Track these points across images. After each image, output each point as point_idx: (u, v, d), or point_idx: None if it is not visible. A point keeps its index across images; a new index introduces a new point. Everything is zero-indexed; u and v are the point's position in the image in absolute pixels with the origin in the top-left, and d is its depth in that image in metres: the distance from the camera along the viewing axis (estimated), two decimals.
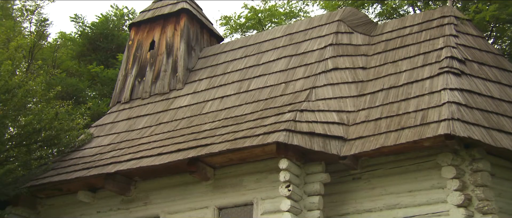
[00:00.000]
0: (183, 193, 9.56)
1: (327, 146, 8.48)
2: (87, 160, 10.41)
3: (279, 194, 8.53)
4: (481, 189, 7.54)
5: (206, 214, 9.23)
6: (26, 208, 10.45)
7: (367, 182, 8.60)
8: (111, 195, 10.06)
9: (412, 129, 7.95)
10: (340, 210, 8.65)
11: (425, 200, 8.00)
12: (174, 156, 9.20)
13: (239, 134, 9.08)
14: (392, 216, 8.20)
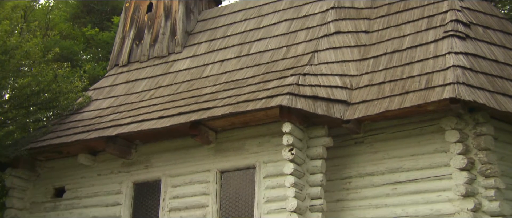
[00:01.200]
0: (184, 157, 9.56)
1: (330, 110, 8.45)
2: (86, 123, 10.35)
3: (281, 158, 8.56)
4: (484, 152, 7.58)
5: (208, 177, 9.25)
6: (26, 170, 10.45)
7: (369, 146, 8.62)
8: (111, 158, 10.04)
9: (417, 93, 7.93)
10: (342, 174, 8.69)
11: (428, 163, 8.05)
12: (175, 120, 9.15)
13: (241, 97, 9.02)
14: (394, 180, 8.26)
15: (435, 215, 7.77)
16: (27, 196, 10.58)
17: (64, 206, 10.25)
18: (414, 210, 7.95)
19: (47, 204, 10.42)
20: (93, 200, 10.04)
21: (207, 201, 9.12)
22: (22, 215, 10.42)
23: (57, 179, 10.53)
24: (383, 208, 8.22)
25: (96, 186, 10.12)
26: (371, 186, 8.41)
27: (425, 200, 7.92)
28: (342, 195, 8.58)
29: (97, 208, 9.95)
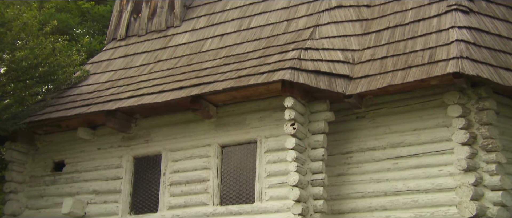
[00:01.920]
0: (185, 131, 9.54)
1: (332, 84, 8.42)
2: (85, 97, 10.28)
3: (283, 132, 8.56)
4: (486, 127, 7.60)
5: (208, 152, 9.25)
6: (25, 144, 10.43)
7: (371, 121, 8.62)
8: (111, 132, 10.00)
9: (420, 67, 7.90)
10: (344, 149, 8.70)
11: (430, 138, 8.07)
12: (176, 94, 9.10)
13: (242, 72, 8.97)
14: (395, 154, 8.28)
15: (436, 189, 7.83)
16: (27, 169, 10.56)
17: (64, 180, 10.24)
18: (415, 184, 8.00)
19: (46, 178, 10.41)
20: (93, 174, 10.03)
21: (208, 175, 9.13)
22: (22, 189, 10.41)
23: (56, 153, 10.50)
24: (384, 182, 8.27)
25: (96, 160, 10.11)
26: (372, 161, 8.44)
27: (426, 174, 7.97)
28: (343, 170, 8.61)
29: (98, 182, 9.95)
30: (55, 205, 10.05)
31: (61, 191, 10.16)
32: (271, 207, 8.50)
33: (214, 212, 8.88)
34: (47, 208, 10.15)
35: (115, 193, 9.74)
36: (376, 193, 8.27)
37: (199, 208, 9.02)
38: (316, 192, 8.24)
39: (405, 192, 8.06)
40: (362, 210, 8.30)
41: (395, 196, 8.12)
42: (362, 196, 8.35)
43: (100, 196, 9.83)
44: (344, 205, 8.42)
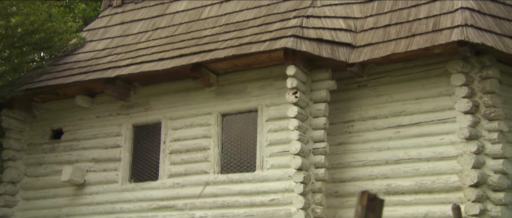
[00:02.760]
0: (185, 99, 9.48)
1: (335, 52, 8.36)
2: (83, 65, 10.15)
3: (284, 101, 8.52)
4: (488, 96, 7.61)
5: (209, 120, 9.21)
6: (22, 111, 10.33)
7: (373, 90, 8.60)
8: (110, 100, 9.92)
9: (424, 35, 7.85)
10: (345, 117, 8.70)
11: (432, 107, 8.07)
12: (176, 62, 9.00)
13: (244, 40, 8.87)
14: (397, 123, 8.30)
15: (438, 158, 7.87)
16: (24, 137, 10.49)
17: (63, 148, 10.19)
18: (417, 153, 8.04)
19: (45, 146, 10.35)
20: (92, 142, 9.98)
21: (208, 143, 9.11)
22: (20, 156, 10.35)
23: (54, 121, 10.42)
24: (385, 151, 8.30)
25: (95, 128, 10.04)
26: (374, 130, 8.45)
27: (427, 143, 8.00)
28: (344, 139, 8.62)
29: (97, 150, 9.90)
30: (54, 172, 10.02)
31: (60, 159, 10.12)
32: (272, 175, 8.53)
33: (215, 180, 8.90)
34: (46, 175, 10.12)
35: (115, 161, 9.72)
36: (377, 161, 8.31)
37: (199, 176, 9.03)
38: (318, 161, 8.26)
39: (406, 161, 8.11)
40: (363, 179, 8.34)
41: (396, 165, 8.16)
42: (363, 165, 8.39)
43: (99, 164, 9.80)
44: (345, 173, 8.47)
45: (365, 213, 1.63)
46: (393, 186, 8.08)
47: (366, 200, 1.65)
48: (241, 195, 8.65)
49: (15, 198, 10.18)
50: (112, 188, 9.59)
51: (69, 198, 9.84)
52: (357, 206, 1.66)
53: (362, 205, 1.65)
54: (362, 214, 1.63)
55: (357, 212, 1.64)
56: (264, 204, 8.47)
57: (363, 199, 1.64)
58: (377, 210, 1.62)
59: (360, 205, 1.65)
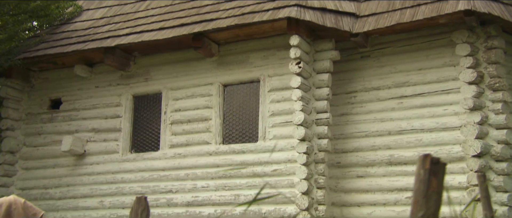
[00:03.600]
0: (186, 69, 9.38)
1: (339, 22, 8.28)
2: (81, 34, 9.99)
3: (287, 71, 8.46)
4: (493, 66, 7.60)
5: (210, 91, 9.14)
6: (20, 80, 10.19)
7: (376, 60, 8.55)
8: (109, 70, 9.80)
9: (429, 5, 7.78)
10: (347, 88, 8.67)
11: (436, 77, 8.06)
12: (177, 31, 8.88)
13: (246, 9, 8.75)
14: (400, 94, 8.28)
15: (441, 128, 7.89)
16: (23, 107, 10.37)
17: (62, 118, 10.09)
18: (420, 123, 8.05)
19: (43, 115, 10.25)
20: (92, 112, 9.89)
21: (210, 114, 9.06)
22: (18, 126, 10.25)
23: (52, 90, 10.30)
24: (388, 122, 8.30)
25: (94, 98, 9.94)
26: (377, 100, 8.44)
27: (431, 113, 8.01)
28: (347, 109, 8.61)
29: (97, 120, 9.82)
30: (54, 142, 9.94)
31: (59, 129, 10.03)
32: (274, 146, 8.51)
33: (217, 150, 8.88)
34: (45, 145, 10.04)
35: (115, 131, 9.65)
36: (380, 132, 8.31)
37: (201, 146, 9.00)
38: (321, 131, 8.25)
39: (409, 131, 8.12)
40: (366, 149, 8.36)
41: (399, 135, 8.18)
42: (366, 135, 8.39)
43: (99, 134, 9.73)
44: (347, 144, 8.47)
45: (427, 177, 1.59)
46: (396, 157, 8.11)
47: (429, 164, 1.60)
48: (243, 165, 8.64)
49: (14, 167, 10.11)
50: (113, 158, 9.55)
51: (69, 168, 9.80)
52: (419, 170, 1.61)
53: (425, 169, 1.60)
54: (425, 177, 1.58)
55: (419, 176, 1.60)
56: (266, 174, 8.48)
57: (425, 162, 1.60)
58: (440, 174, 1.58)
59: (422, 168, 1.60)
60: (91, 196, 9.54)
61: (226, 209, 8.59)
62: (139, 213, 2.68)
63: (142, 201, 2.69)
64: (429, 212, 1.54)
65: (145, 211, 2.69)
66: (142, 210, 2.69)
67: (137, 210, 2.69)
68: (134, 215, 2.68)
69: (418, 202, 1.58)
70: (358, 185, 8.30)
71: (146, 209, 2.69)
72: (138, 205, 2.69)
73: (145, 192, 9.15)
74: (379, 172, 8.23)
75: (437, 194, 1.57)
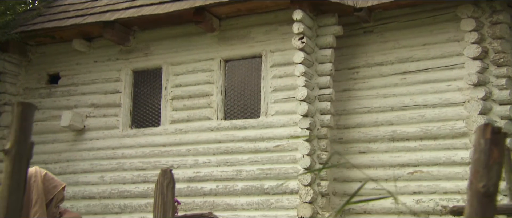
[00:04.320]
0: (186, 44, 9.27)
1: None
2: (79, 7, 9.81)
3: (289, 47, 8.38)
4: (498, 41, 7.56)
5: (211, 66, 9.05)
6: (17, 54, 10.04)
7: (379, 36, 8.49)
8: (108, 44, 9.66)
9: None
10: (350, 64, 8.61)
11: (440, 53, 8.02)
12: (178, 5, 8.74)
13: None
14: (403, 70, 8.24)
15: (444, 104, 7.88)
16: (20, 81, 10.24)
17: (61, 93, 9.97)
18: (423, 99, 8.04)
19: (41, 90, 10.12)
20: (91, 87, 9.78)
21: (211, 89, 8.99)
22: (16, 100, 10.11)
23: (50, 65, 10.15)
24: (391, 97, 8.27)
25: (93, 73, 9.82)
26: (380, 76, 8.40)
27: (434, 89, 7.99)
28: (349, 85, 8.57)
29: (96, 95, 9.72)
30: (52, 118, 9.84)
31: (58, 104, 9.92)
32: (277, 121, 8.48)
33: (219, 126, 8.84)
34: (44, 121, 9.93)
35: (115, 106, 9.56)
36: (383, 108, 8.29)
37: (202, 122, 8.95)
38: (323, 107, 8.22)
39: (412, 107, 8.11)
40: (368, 125, 8.34)
41: (401, 111, 8.16)
42: (368, 111, 8.37)
43: (99, 109, 9.64)
44: (349, 120, 8.45)
45: (488, 147, 1.55)
46: (398, 133, 8.11)
47: (490, 133, 1.56)
48: (245, 141, 8.62)
49: None
50: (113, 133, 9.48)
51: (68, 143, 9.72)
52: (479, 140, 1.57)
53: (485, 139, 1.56)
54: (485, 147, 1.54)
55: (479, 146, 1.55)
56: (268, 150, 8.46)
57: (486, 132, 1.56)
58: (500, 144, 1.54)
59: (482, 138, 1.56)
60: (91, 172, 9.49)
61: (227, 185, 8.59)
62: (165, 185, 2.63)
63: (168, 173, 2.64)
64: (490, 183, 1.51)
65: (170, 184, 2.64)
66: (168, 183, 2.64)
67: (163, 183, 2.65)
68: (159, 188, 2.64)
69: (478, 173, 1.54)
70: (360, 160, 8.31)
71: (172, 182, 2.65)
72: (163, 177, 2.64)
73: (146, 167, 9.12)
74: (381, 148, 8.23)
75: (498, 165, 1.54)
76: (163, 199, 2.65)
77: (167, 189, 2.64)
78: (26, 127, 1.63)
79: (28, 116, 1.64)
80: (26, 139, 1.63)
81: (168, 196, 2.65)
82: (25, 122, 1.63)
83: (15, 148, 1.60)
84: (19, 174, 1.60)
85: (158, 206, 2.66)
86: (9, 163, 1.61)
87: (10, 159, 1.61)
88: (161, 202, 2.66)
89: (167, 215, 2.64)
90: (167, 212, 2.65)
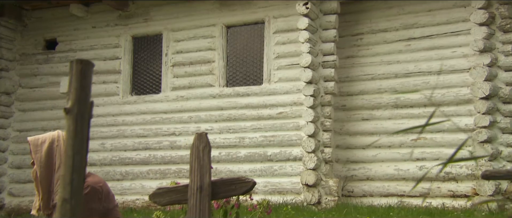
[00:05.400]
0: (187, 10, 9.10)
1: None
2: None
3: (293, 12, 8.27)
4: (505, 7, 7.50)
5: (213, 32, 8.92)
6: (12, 19, 9.79)
7: (383, 2, 8.39)
8: (106, 9, 9.46)
9: None
10: (354, 30, 8.53)
11: (445, 19, 7.96)
12: None
13: None
14: (408, 36, 8.19)
15: (449, 71, 7.87)
16: (16, 46, 10.02)
17: (58, 59, 9.79)
18: (427, 66, 8.01)
19: (38, 56, 9.93)
20: (90, 53, 9.61)
21: (213, 56, 8.88)
22: (13, 66, 9.94)
23: (47, 30, 9.94)
24: (395, 64, 8.24)
25: (91, 39, 9.64)
26: (384, 43, 8.34)
27: (439, 56, 7.96)
28: (353, 52, 8.50)
29: (95, 61, 9.49)
30: (51, 84, 9.69)
31: (56, 70, 9.75)
32: (280, 88, 8.43)
33: (221, 93, 8.76)
34: (42, 87, 9.78)
35: (115, 73, 9.42)
36: (386, 75, 8.27)
37: (204, 89, 8.86)
38: (327, 74, 8.17)
39: (416, 74, 8.09)
40: (371, 92, 8.32)
41: (406, 78, 8.14)
42: (372, 78, 8.34)
43: (98, 76, 9.49)
44: (353, 87, 8.42)
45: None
46: (402, 100, 8.10)
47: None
48: (248, 108, 8.57)
49: (11, 109, 9.86)
50: (113, 100, 9.37)
51: None
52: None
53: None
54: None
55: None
56: (271, 117, 8.43)
57: None
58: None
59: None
60: (91, 139, 9.37)
61: (230, 152, 8.56)
62: (201, 149, 2.57)
63: (203, 137, 2.57)
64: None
65: (207, 147, 2.58)
66: (204, 146, 2.57)
67: (198, 147, 2.58)
68: (195, 152, 2.57)
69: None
70: (363, 128, 8.32)
71: (208, 145, 2.58)
72: (199, 141, 2.57)
73: (147, 134, 9.05)
74: (385, 115, 8.23)
75: None
76: (200, 163, 2.60)
77: (204, 153, 2.58)
78: (86, 85, 1.56)
79: (87, 74, 1.56)
80: (87, 98, 1.56)
81: (204, 159, 2.59)
82: (84, 80, 1.55)
83: (77, 106, 1.52)
84: (82, 133, 1.53)
85: (195, 170, 2.60)
86: (71, 122, 1.53)
87: (72, 118, 1.53)
88: (197, 166, 2.60)
89: (204, 179, 2.59)
90: (204, 176, 2.60)
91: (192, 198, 2.56)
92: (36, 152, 2.85)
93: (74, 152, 1.51)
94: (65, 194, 1.47)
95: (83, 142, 1.53)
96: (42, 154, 2.84)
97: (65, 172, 1.49)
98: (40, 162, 2.82)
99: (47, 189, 2.82)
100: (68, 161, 1.50)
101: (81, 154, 1.52)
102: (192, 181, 2.60)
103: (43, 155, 2.84)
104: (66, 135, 1.54)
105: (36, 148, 2.86)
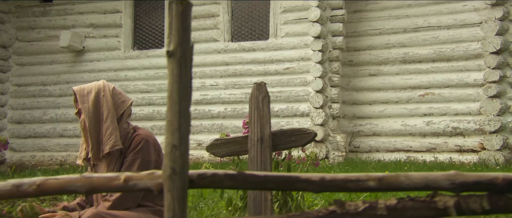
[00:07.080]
0: None
1: None
2: None
3: None
4: None
5: None
6: None
7: None
8: None
9: None
10: None
11: None
12: None
13: None
14: None
15: (459, 25, 7.79)
16: None
17: (56, 12, 9.46)
18: (437, 20, 7.92)
19: (35, 8, 9.57)
20: (89, 6, 9.30)
21: (217, 10, 8.66)
22: (8, 19, 9.58)
23: None
24: (404, 18, 8.13)
25: None
26: None
27: (449, 10, 7.86)
28: (360, 6, 8.36)
29: (94, 14, 9.26)
30: (49, 37, 9.39)
31: (54, 23, 9.43)
32: (287, 43, 8.29)
33: (226, 48, 8.60)
34: (40, 41, 9.48)
35: (115, 27, 9.16)
36: (395, 29, 8.17)
37: (209, 44, 8.68)
38: (336, 28, 8.05)
39: (425, 28, 8.00)
40: (379, 47, 8.24)
41: (414, 33, 8.06)
42: (380, 33, 8.24)
43: (98, 30, 9.22)
44: (360, 42, 8.32)
45: None
46: (410, 55, 8.04)
47: None
48: (254, 63, 8.44)
49: (8, 63, 9.57)
50: (114, 55, 9.14)
51: (68, 64, 9.34)
52: None
53: None
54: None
55: None
56: (278, 73, 8.32)
57: None
58: None
59: None
60: None
61: (236, 107, 8.47)
62: (260, 99, 2.47)
63: (263, 87, 2.47)
64: None
65: (266, 98, 2.48)
66: (263, 96, 2.48)
67: (258, 97, 2.48)
68: (254, 102, 2.47)
69: None
70: (370, 83, 8.26)
71: (267, 96, 2.48)
72: (258, 91, 2.47)
73: (151, 90, 8.90)
74: (392, 70, 8.17)
75: None
76: (259, 113, 2.50)
77: (263, 103, 2.49)
78: (187, 27, 1.43)
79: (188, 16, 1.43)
80: (189, 40, 1.44)
81: (264, 110, 2.50)
82: (185, 22, 1.42)
83: (179, 49, 1.41)
84: (186, 77, 1.42)
85: (255, 121, 2.51)
86: (175, 66, 1.42)
87: (176, 62, 1.42)
88: (257, 116, 2.51)
89: (265, 130, 2.51)
90: (264, 127, 2.51)
91: (253, 149, 2.48)
92: (83, 102, 2.73)
93: (180, 98, 1.40)
94: (173, 140, 1.38)
95: (187, 87, 1.42)
96: (89, 104, 2.73)
97: (171, 118, 1.39)
98: (88, 112, 2.71)
99: (97, 140, 2.71)
100: (174, 107, 1.40)
101: (187, 100, 1.41)
102: (252, 132, 2.51)
103: (90, 106, 2.73)
104: (170, 79, 1.43)
105: (83, 98, 2.74)
